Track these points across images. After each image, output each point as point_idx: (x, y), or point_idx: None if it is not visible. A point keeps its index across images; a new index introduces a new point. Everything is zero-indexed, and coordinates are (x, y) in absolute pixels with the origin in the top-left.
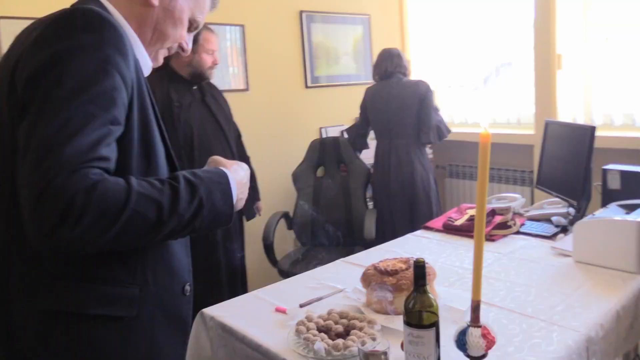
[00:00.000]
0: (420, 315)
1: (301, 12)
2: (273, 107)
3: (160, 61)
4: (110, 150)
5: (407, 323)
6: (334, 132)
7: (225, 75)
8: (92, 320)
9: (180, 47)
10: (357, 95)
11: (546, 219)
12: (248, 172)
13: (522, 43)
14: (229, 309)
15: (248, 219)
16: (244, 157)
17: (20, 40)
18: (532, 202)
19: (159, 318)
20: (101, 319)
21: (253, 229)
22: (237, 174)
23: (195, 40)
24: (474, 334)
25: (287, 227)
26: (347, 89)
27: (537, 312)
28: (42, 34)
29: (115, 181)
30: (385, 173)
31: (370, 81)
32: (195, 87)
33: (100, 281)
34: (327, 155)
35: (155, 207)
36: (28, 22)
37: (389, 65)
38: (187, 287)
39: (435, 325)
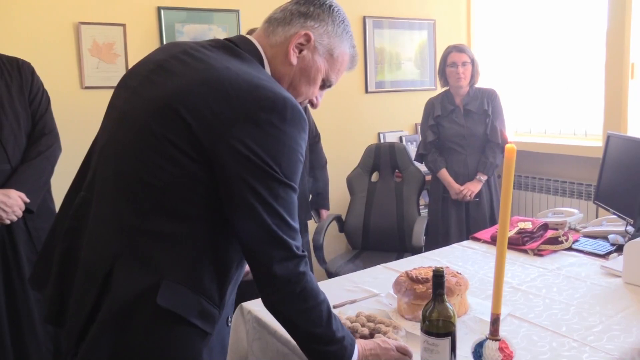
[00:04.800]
0: (437, 323)
1: (364, 17)
2: (332, 112)
3: None
4: None
5: (424, 330)
6: (392, 137)
7: None
8: (189, 328)
9: (310, 102)
10: (417, 101)
11: (603, 237)
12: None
13: (593, 50)
14: None
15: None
16: (319, 162)
17: (202, 81)
18: (597, 217)
19: (216, 340)
20: (195, 329)
21: None
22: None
23: None
24: (491, 346)
25: (338, 230)
26: (407, 95)
27: (572, 331)
28: (257, 115)
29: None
30: None
31: (432, 87)
32: None
33: (205, 296)
34: (382, 160)
35: (328, 311)
36: (106, 28)
37: None
38: (230, 318)
39: (451, 334)
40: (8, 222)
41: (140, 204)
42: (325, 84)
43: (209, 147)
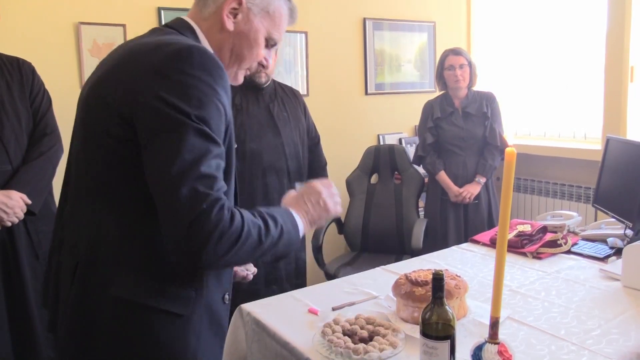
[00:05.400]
0: (436, 326)
1: (365, 19)
2: (332, 113)
3: (240, 80)
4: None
5: (423, 333)
6: (392, 139)
7: (286, 80)
8: (154, 313)
9: (261, 65)
10: (417, 103)
11: (602, 240)
12: (320, 191)
13: (592, 53)
14: (265, 306)
15: None
16: (319, 163)
17: (117, 61)
18: (595, 221)
19: (205, 321)
20: (162, 313)
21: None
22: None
23: None
24: (490, 350)
25: (337, 232)
26: (407, 97)
27: (570, 335)
28: (164, 67)
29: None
30: None
31: (432, 89)
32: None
33: (166, 280)
34: (381, 162)
35: (257, 229)
36: (106, 28)
37: None
38: (227, 296)
39: (450, 337)
40: (9, 224)
41: (98, 204)
42: (269, 43)
43: (129, 117)
